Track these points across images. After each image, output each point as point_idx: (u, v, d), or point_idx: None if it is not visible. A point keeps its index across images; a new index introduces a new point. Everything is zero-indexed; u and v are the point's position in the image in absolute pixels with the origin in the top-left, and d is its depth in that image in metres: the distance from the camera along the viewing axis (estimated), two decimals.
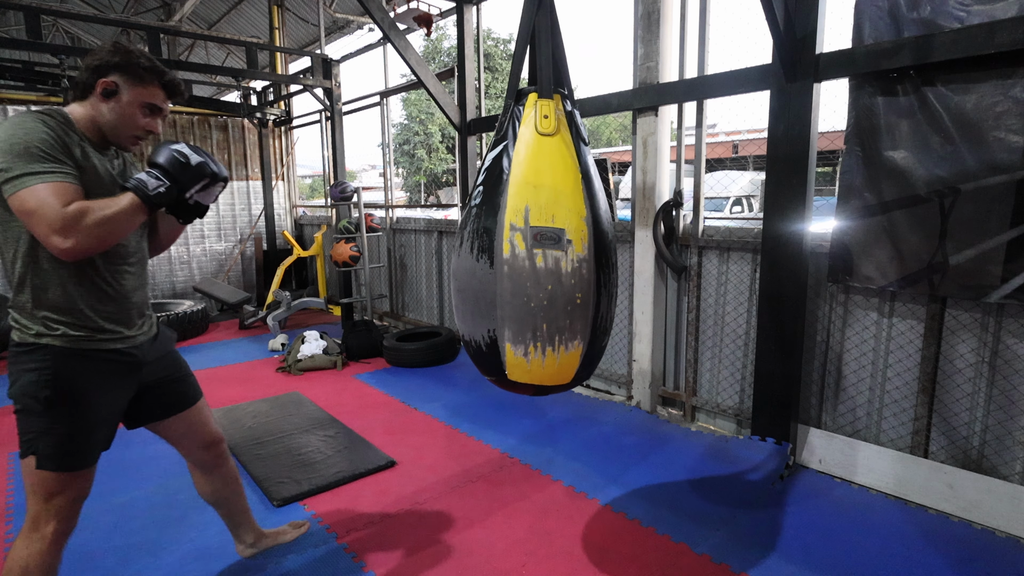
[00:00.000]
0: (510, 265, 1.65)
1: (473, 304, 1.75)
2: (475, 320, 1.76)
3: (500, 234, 1.66)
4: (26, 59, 5.78)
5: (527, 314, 1.65)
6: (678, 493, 2.80)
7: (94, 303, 1.57)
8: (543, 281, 1.65)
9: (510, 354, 1.71)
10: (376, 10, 4.43)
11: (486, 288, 1.70)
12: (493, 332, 1.71)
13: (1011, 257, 2.40)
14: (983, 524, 2.51)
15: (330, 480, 2.90)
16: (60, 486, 1.59)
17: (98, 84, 1.53)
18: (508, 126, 1.76)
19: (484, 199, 1.74)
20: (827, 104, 2.90)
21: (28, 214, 1.37)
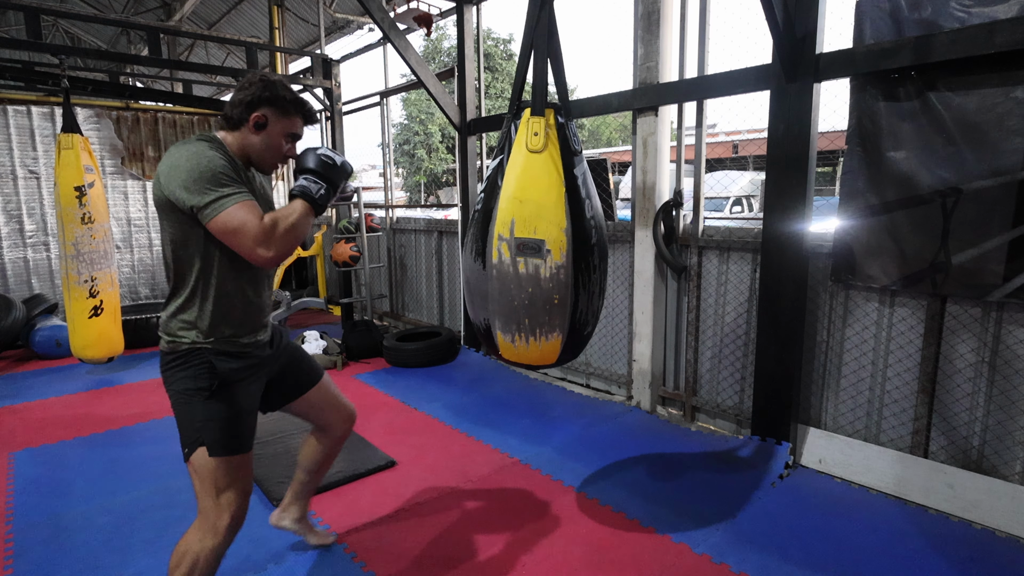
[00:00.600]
0: (498, 269, 1.90)
1: (474, 296, 2.05)
2: (476, 308, 2.07)
3: (491, 242, 1.91)
4: (26, 59, 5.78)
5: (512, 311, 1.92)
6: (678, 493, 2.80)
7: (243, 311, 1.74)
8: (524, 284, 1.89)
9: (500, 339, 2.00)
10: (376, 10, 4.43)
11: (481, 285, 1.97)
12: (487, 320, 2.00)
13: (1013, 256, 2.40)
14: (983, 524, 2.51)
15: (330, 480, 2.90)
16: (228, 476, 1.69)
17: (251, 118, 1.69)
18: (505, 141, 1.98)
19: (482, 208, 1.98)
20: (827, 104, 2.90)
21: (232, 232, 1.51)
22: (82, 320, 4.50)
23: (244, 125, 1.70)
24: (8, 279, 6.25)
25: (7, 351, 5.57)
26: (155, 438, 3.55)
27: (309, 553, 2.35)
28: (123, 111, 6.89)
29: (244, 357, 1.76)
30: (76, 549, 2.42)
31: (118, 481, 2.99)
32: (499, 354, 2.08)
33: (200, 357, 1.68)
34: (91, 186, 4.46)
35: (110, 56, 5.71)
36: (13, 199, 6.24)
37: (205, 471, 1.68)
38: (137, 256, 7.14)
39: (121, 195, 6.96)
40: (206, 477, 1.68)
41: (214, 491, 1.69)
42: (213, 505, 1.69)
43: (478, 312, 2.06)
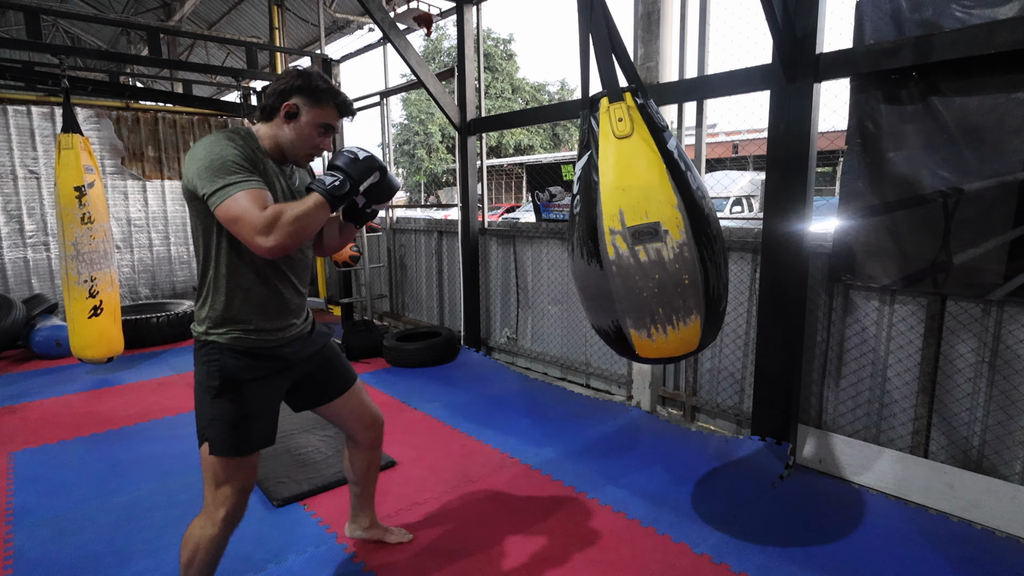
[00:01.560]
0: (617, 265, 1.80)
1: (593, 301, 1.94)
2: (599, 313, 1.95)
3: (603, 239, 1.81)
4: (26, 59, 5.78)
5: (642, 303, 1.81)
6: (678, 493, 2.80)
7: (259, 306, 1.73)
8: (650, 272, 1.79)
9: (635, 338, 1.89)
10: (376, 10, 4.43)
11: (602, 286, 1.86)
12: (617, 322, 1.89)
13: (1014, 256, 2.40)
14: (983, 524, 2.51)
15: (330, 480, 2.90)
16: (226, 474, 1.72)
17: (282, 108, 1.67)
18: (588, 136, 1.87)
19: (582, 208, 1.87)
20: (827, 104, 2.90)
21: (234, 220, 1.50)
22: (82, 320, 4.50)
23: (276, 115, 1.69)
24: (8, 279, 6.25)
25: (7, 351, 5.57)
26: (155, 438, 3.55)
27: (309, 553, 2.35)
28: (123, 111, 6.89)
29: (260, 356, 1.75)
30: (76, 549, 2.42)
31: (118, 481, 3.00)
32: (636, 355, 1.97)
33: (213, 352, 1.70)
34: (91, 186, 4.47)
35: (110, 56, 5.71)
36: (13, 199, 6.24)
37: (207, 464, 1.72)
38: (137, 256, 7.15)
39: (121, 195, 6.97)
40: (207, 470, 1.73)
41: (214, 484, 1.72)
42: (212, 497, 1.73)
43: (602, 317, 1.94)
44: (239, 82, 7.52)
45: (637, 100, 1.84)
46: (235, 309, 1.69)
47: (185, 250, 7.53)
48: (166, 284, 7.40)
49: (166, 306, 6.51)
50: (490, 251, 5.19)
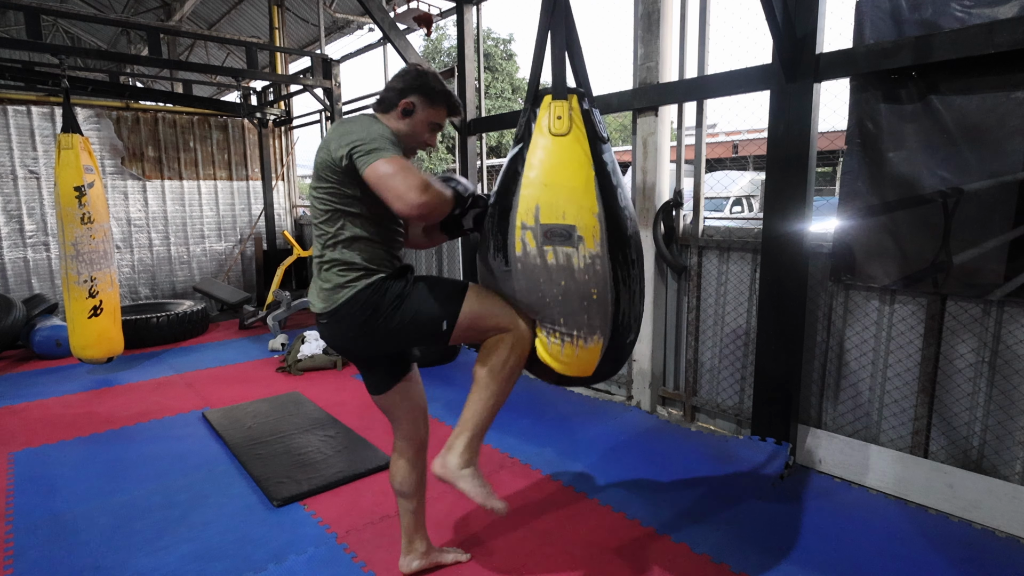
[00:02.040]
0: (523, 263, 1.71)
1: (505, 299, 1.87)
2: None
3: (512, 233, 1.71)
4: (26, 59, 5.78)
5: (543, 307, 1.75)
6: (678, 493, 2.80)
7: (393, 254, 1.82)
8: (555, 277, 1.69)
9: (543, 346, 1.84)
10: (376, 10, 4.43)
11: (504, 284, 1.79)
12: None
13: (1014, 256, 2.40)
14: (983, 524, 2.51)
15: (330, 480, 2.90)
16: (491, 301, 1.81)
17: (400, 103, 1.76)
18: (524, 130, 1.79)
19: (498, 200, 1.78)
20: (827, 104, 2.90)
21: (384, 177, 1.55)
22: (82, 320, 4.50)
23: (393, 110, 1.78)
24: (8, 279, 6.25)
25: (7, 351, 5.57)
26: (155, 438, 3.55)
27: (309, 553, 2.35)
28: (123, 111, 6.90)
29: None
30: (76, 549, 2.42)
31: (118, 481, 2.99)
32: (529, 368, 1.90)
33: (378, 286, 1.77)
34: (91, 186, 4.46)
35: (110, 56, 5.71)
36: (13, 199, 6.24)
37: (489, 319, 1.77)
38: (137, 256, 7.15)
39: (121, 195, 6.97)
40: (493, 317, 1.77)
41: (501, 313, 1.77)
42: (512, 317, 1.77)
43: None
44: (239, 82, 7.52)
45: (583, 105, 1.77)
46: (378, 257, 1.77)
47: (185, 250, 7.53)
48: (166, 284, 7.40)
49: (166, 306, 6.51)
50: None
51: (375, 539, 2.45)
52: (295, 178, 8.74)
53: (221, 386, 4.54)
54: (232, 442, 3.38)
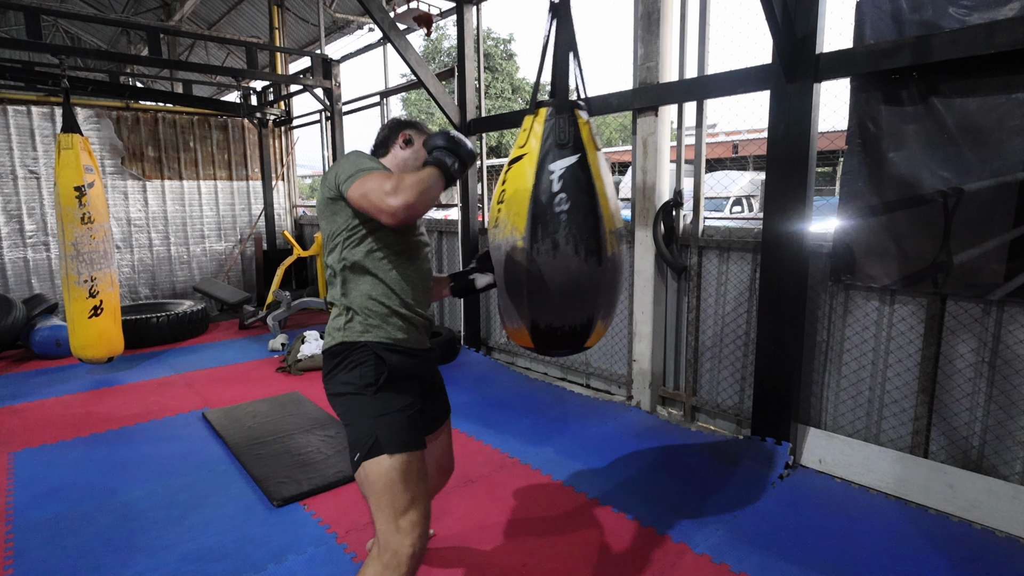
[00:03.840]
0: (612, 262, 1.96)
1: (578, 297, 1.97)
2: (575, 310, 1.98)
3: (604, 238, 1.93)
4: (26, 59, 5.78)
5: (615, 295, 2.05)
6: (678, 493, 2.80)
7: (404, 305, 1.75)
8: (624, 270, 2.19)
9: (600, 327, 2.03)
10: (376, 10, 4.43)
11: (592, 282, 1.95)
12: (591, 316, 1.99)
13: (1014, 256, 2.40)
14: (983, 524, 2.51)
15: (330, 480, 2.90)
16: (413, 486, 1.54)
17: (399, 137, 1.89)
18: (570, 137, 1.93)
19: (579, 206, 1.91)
20: (827, 104, 2.90)
21: (364, 195, 1.55)
22: (82, 320, 4.50)
23: (393, 144, 1.89)
24: (8, 279, 6.25)
25: (7, 351, 5.57)
26: (155, 438, 3.55)
27: (309, 553, 2.35)
28: (123, 111, 6.90)
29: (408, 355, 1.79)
30: (76, 549, 2.42)
31: (118, 481, 2.99)
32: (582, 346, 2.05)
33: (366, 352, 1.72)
34: (91, 186, 4.47)
35: (110, 56, 5.71)
36: (13, 199, 6.25)
37: (381, 486, 1.54)
38: (137, 256, 7.15)
39: (121, 195, 6.97)
40: (382, 495, 1.54)
41: (393, 511, 1.52)
42: (394, 530, 1.51)
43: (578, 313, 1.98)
44: (239, 82, 7.53)
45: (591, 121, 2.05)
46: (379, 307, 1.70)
47: (185, 250, 7.53)
48: (166, 284, 7.41)
49: (166, 306, 6.51)
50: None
51: None
52: (295, 178, 8.75)
53: (221, 386, 4.54)
54: (232, 442, 3.38)
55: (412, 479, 1.55)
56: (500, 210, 2.00)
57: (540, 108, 2.00)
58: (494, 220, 2.02)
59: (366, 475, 1.54)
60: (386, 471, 1.52)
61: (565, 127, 1.93)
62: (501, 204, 2.01)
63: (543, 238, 1.92)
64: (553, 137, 1.95)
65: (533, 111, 2.03)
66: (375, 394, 1.61)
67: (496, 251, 2.00)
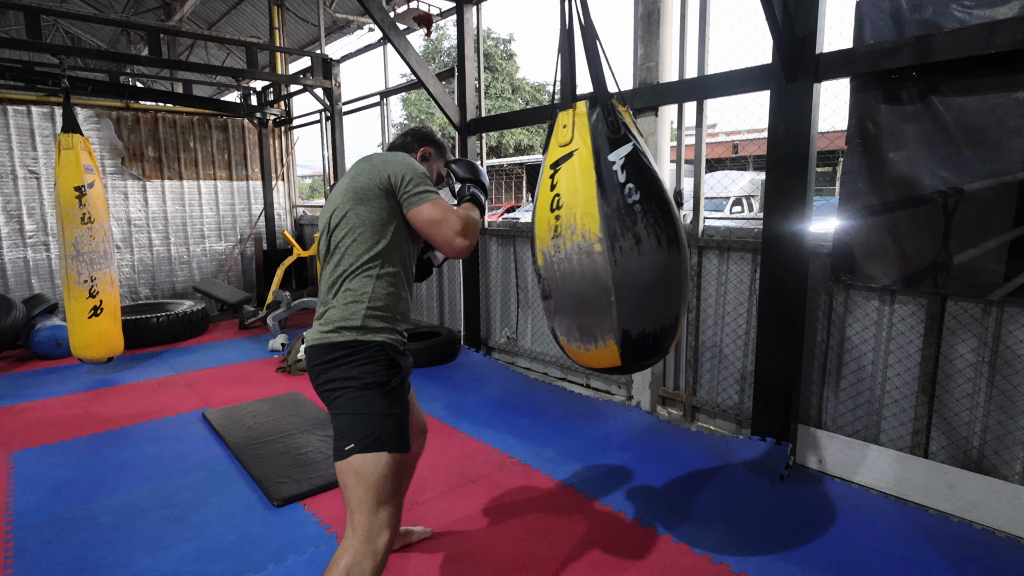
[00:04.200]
0: (681, 247, 1.86)
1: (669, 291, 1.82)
2: (668, 306, 1.83)
3: (679, 224, 1.86)
4: (26, 59, 5.78)
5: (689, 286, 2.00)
6: (678, 493, 2.80)
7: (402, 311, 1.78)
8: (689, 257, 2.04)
9: (681, 325, 1.91)
10: (376, 10, 4.43)
11: (676, 272, 1.83)
12: (677, 310, 1.85)
13: (1014, 256, 2.40)
14: (983, 524, 2.51)
15: (330, 480, 2.90)
16: (393, 486, 1.61)
17: (420, 150, 1.99)
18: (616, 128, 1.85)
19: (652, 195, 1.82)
20: (827, 104, 2.90)
21: (434, 223, 1.66)
22: (82, 320, 4.50)
23: (414, 153, 1.96)
24: (8, 279, 6.25)
25: (7, 351, 5.57)
26: (155, 438, 3.55)
27: (309, 553, 2.35)
28: (123, 111, 6.90)
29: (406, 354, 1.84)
30: (76, 549, 2.42)
31: (118, 481, 3.00)
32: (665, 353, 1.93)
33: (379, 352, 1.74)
34: (91, 186, 4.47)
35: (110, 56, 5.71)
36: (13, 199, 6.25)
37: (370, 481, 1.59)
38: (137, 256, 7.15)
39: (121, 195, 6.97)
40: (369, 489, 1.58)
41: (375, 505, 1.58)
42: (371, 522, 1.57)
43: (668, 311, 1.83)
44: (239, 82, 7.53)
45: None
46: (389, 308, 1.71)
47: (185, 250, 7.53)
48: (166, 284, 7.41)
49: (166, 306, 6.51)
50: (490, 251, 5.19)
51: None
52: (295, 178, 8.75)
53: (221, 386, 4.54)
54: (232, 442, 3.38)
55: (399, 478, 1.64)
56: (559, 217, 1.80)
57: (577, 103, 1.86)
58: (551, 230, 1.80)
59: (358, 467, 1.58)
60: (382, 467, 1.58)
61: (614, 117, 1.82)
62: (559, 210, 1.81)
63: (623, 234, 1.74)
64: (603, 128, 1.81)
65: (567, 106, 1.87)
66: (384, 394, 1.65)
67: (561, 264, 1.79)
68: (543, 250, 1.84)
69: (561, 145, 1.83)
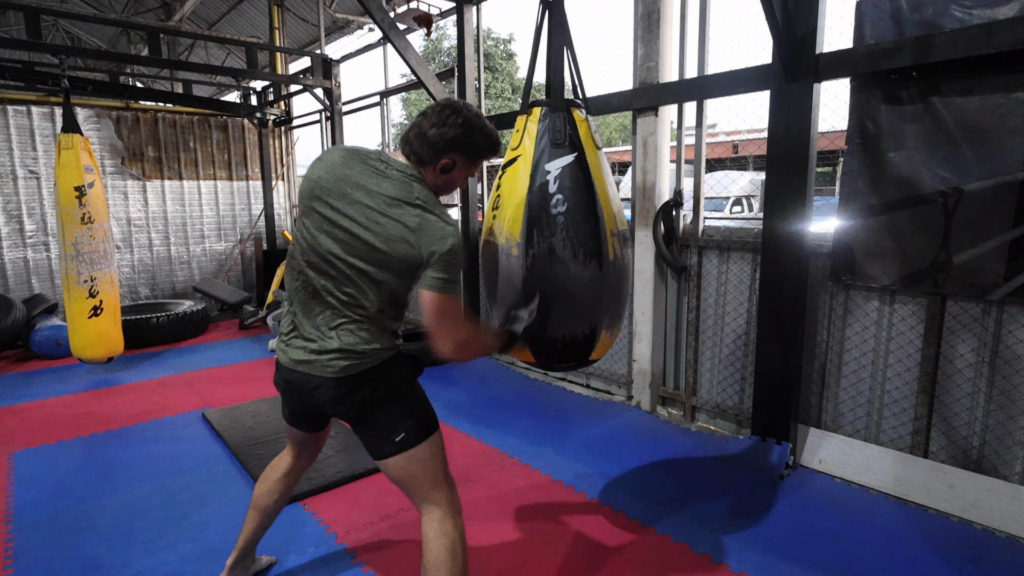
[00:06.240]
0: (615, 266, 1.90)
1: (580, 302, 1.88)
2: (578, 317, 1.90)
3: (605, 240, 1.86)
4: (26, 59, 5.78)
5: (621, 301, 1.98)
6: (678, 493, 2.80)
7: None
8: (628, 275, 2.02)
9: (604, 338, 1.95)
10: (376, 10, 4.43)
11: (594, 287, 1.87)
12: (595, 324, 1.91)
13: (1014, 256, 2.40)
14: (983, 524, 2.51)
15: (330, 480, 2.90)
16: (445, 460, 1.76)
17: (439, 164, 1.61)
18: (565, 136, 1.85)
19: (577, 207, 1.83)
20: (827, 104, 2.90)
21: (440, 316, 1.56)
22: (82, 320, 4.50)
23: (431, 165, 1.62)
24: (8, 279, 6.25)
25: (7, 351, 5.57)
26: (155, 438, 3.55)
27: (309, 553, 2.35)
28: (123, 111, 6.90)
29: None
30: (76, 549, 2.42)
31: (118, 481, 2.99)
32: (587, 360, 2.00)
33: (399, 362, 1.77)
34: (91, 186, 4.47)
35: (110, 56, 5.71)
36: (13, 199, 6.24)
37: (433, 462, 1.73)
38: (137, 256, 7.15)
39: (121, 195, 6.97)
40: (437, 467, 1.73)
41: (446, 480, 1.75)
42: (450, 498, 1.74)
43: (581, 320, 1.89)
44: (239, 82, 7.53)
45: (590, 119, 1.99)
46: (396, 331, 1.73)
47: (185, 250, 7.53)
48: (166, 284, 7.40)
49: (166, 306, 6.51)
50: None
51: (375, 539, 2.45)
52: (295, 178, 8.74)
53: (221, 386, 4.54)
54: (232, 442, 3.37)
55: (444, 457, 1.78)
56: (495, 217, 1.88)
57: (533, 107, 1.92)
58: (488, 229, 1.90)
59: (423, 455, 1.69)
60: (437, 444, 1.73)
61: (561, 125, 1.81)
62: (496, 211, 1.89)
63: (539, 243, 1.78)
64: (548, 136, 1.82)
65: (526, 111, 1.95)
66: (413, 384, 1.75)
67: (490, 261, 1.89)
68: (482, 244, 1.97)
69: (512, 148, 1.93)
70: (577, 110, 1.91)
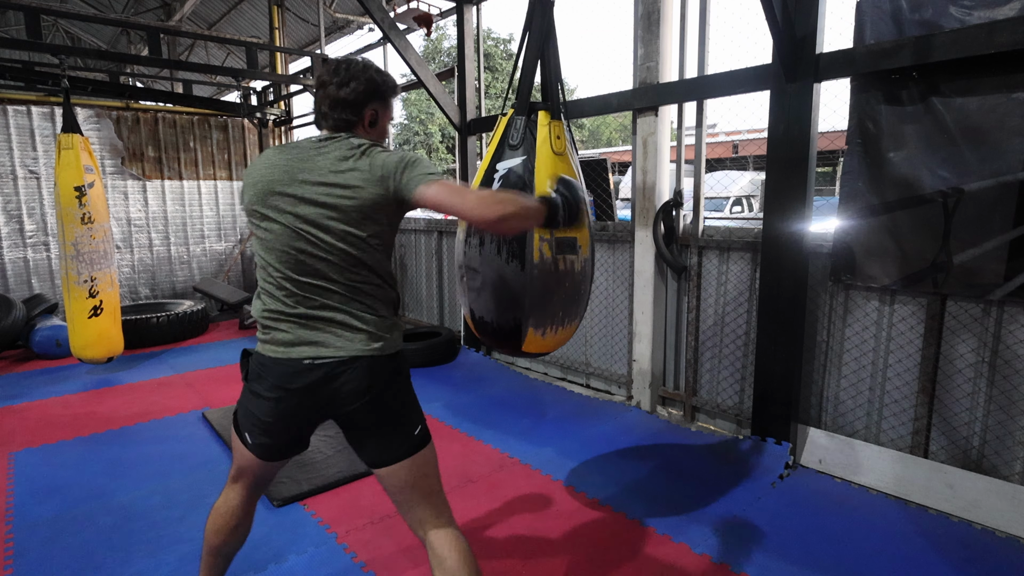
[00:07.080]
0: (539, 268, 1.98)
1: (501, 298, 2.05)
2: (502, 311, 2.06)
3: (530, 243, 1.96)
4: (26, 59, 5.78)
5: (550, 305, 2.04)
6: (678, 493, 2.80)
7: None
8: (562, 280, 2.06)
9: (531, 334, 2.06)
10: (376, 10, 4.43)
11: (515, 286, 2.00)
12: (518, 319, 2.04)
13: (1014, 256, 2.40)
14: (983, 524, 2.51)
15: (330, 480, 2.90)
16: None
17: (366, 117, 1.58)
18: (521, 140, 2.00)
19: None
20: (827, 104, 2.90)
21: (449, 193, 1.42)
22: (82, 320, 4.50)
23: (358, 123, 1.57)
24: (8, 279, 6.25)
25: (7, 351, 5.57)
26: (155, 438, 3.55)
27: (309, 553, 2.35)
28: (123, 111, 6.89)
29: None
30: (76, 549, 2.42)
31: (118, 481, 2.99)
32: (519, 351, 2.11)
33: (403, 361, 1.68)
34: (91, 186, 4.47)
35: (110, 56, 5.71)
36: (13, 199, 6.24)
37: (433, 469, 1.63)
38: (137, 256, 7.14)
39: (121, 195, 6.97)
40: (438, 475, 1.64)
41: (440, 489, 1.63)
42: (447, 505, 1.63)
43: (504, 314, 2.05)
44: (239, 82, 7.53)
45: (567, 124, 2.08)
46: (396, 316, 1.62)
47: (185, 250, 7.53)
48: (166, 284, 7.40)
49: (166, 306, 6.51)
50: None
51: (375, 539, 2.45)
52: None
53: (221, 386, 4.54)
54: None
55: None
56: None
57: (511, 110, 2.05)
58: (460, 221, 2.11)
59: (426, 454, 1.59)
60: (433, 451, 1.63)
61: (519, 129, 1.97)
62: None
63: (474, 235, 2.03)
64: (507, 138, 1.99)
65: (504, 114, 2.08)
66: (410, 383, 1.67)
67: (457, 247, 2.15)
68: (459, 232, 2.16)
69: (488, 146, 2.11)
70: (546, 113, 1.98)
